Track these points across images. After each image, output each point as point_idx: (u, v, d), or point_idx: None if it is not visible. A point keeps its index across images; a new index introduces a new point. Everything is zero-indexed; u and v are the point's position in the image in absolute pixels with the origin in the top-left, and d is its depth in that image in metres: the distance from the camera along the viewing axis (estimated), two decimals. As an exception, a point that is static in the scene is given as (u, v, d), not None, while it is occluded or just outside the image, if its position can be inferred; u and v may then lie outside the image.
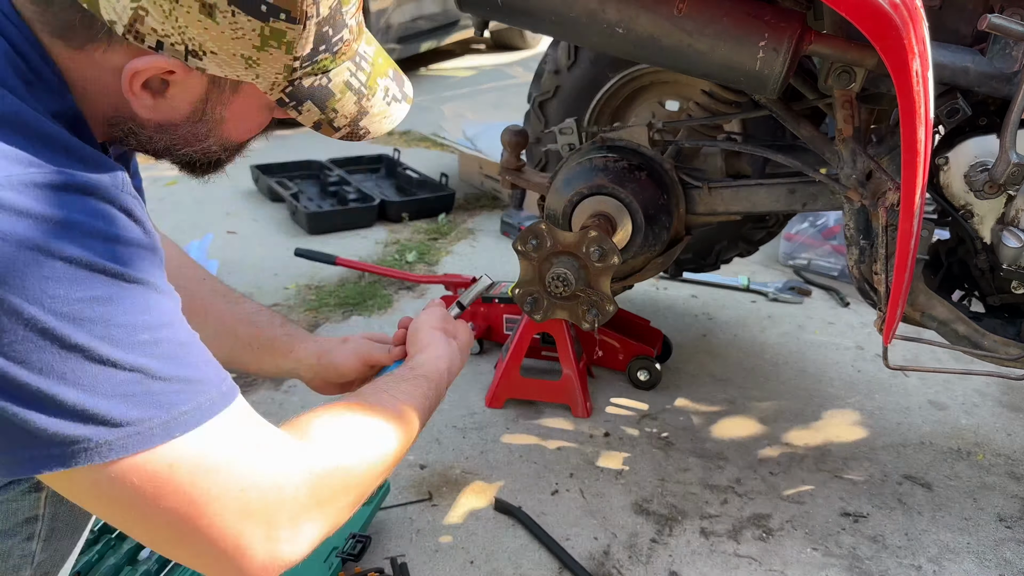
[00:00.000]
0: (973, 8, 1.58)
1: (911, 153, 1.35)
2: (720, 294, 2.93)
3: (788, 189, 1.88)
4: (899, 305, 1.55)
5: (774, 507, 1.86)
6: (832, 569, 1.69)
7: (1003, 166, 1.46)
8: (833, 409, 2.26)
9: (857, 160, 1.68)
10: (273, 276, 2.94)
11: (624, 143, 1.98)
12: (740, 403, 2.27)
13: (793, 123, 1.81)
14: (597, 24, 1.52)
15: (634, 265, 2.05)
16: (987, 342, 1.68)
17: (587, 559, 1.69)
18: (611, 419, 2.17)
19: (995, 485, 1.97)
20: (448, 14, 6.21)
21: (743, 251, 2.53)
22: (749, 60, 1.46)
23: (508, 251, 3.24)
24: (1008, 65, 1.51)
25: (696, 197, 1.98)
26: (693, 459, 2.02)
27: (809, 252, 3.11)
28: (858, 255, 1.76)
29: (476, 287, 1.40)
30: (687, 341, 2.59)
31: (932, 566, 1.71)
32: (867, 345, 2.61)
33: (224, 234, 3.31)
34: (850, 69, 1.50)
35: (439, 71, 6.86)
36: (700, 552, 1.72)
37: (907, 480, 1.98)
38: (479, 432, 2.09)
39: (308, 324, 2.60)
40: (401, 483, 1.89)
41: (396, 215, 3.50)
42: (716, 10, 1.46)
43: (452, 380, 1.15)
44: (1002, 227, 1.59)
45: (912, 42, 1.28)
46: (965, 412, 2.27)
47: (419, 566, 1.66)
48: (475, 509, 1.82)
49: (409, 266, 3.07)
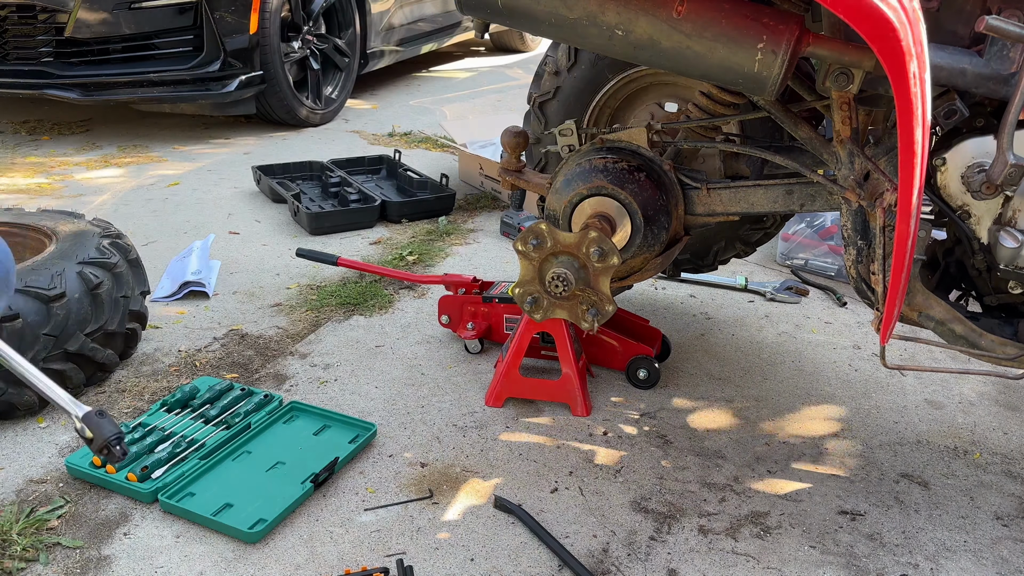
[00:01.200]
0: (971, 10, 1.59)
1: (908, 154, 1.37)
2: (718, 294, 2.95)
3: (786, 190, 1.90)
4: (896, 305, 1.56)
5: (772, 505, 1.88)
6: (829, 567, 1.70)
7: (1000, 167, 1.48)
8: (830, 408, 2.27)
9: (855, 161, 1.69)
10: (275, 276, 2.96)
11: (623, 144, 1.99)
12: (738, 402, 2.28)
13: (791, 124, 1.82)
14: (597, 26, 1.53)
15: (633, 265, 2.06)
16: (984, 342, 1.70)
17: (586, 557, 1.70)
18: (610, 418, 2.18)
19: (992, 484, 1.99)
20: (449, 16, 6.22)
21: (740, 252, 2.54)
22: (747, 62, 1.47)
23: (508, 251, 3.26)
24: (1005, 66, 1.52)
25: (695, 198, 1.99)
26: (691, 457, 2.04)
27: (806, 252, 3.12)
28: (856, 255, 1.78)
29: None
30: (686, 340, 2.60)
31: (929, 564, 1.72)
32: (864, 344, 2.62)
33: (226, 235, 3.32)
34: (848, 71, 1.52)
35: (440, 73, 6.87)
36: (698, 550, 1.74)
37: (904, 479, 1.99)
38: (479, 431, 2.10)
39: (310, 324, 2.61)
40: (402, 481, 1.90)
41: (397, 215, 3.51)
42: (715, 12, 1.47)
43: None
44: (999, 227, 1.61)
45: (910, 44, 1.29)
46: (962, 411, 2.28)
47: (420, 563, 1.67)
48: (475, 507, 1.83)
49: (409, 266, 3.08)
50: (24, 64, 4.27)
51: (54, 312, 2.01)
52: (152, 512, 1.78)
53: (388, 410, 2.18)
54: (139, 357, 2.39)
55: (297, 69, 4.87)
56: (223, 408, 2.06)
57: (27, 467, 1.91)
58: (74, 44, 4.23)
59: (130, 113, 5.04)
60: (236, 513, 1.76)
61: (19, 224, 2.38)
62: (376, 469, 1.95)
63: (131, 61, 4.31)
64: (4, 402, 2.00)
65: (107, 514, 1.78)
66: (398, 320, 2.67)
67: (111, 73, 4.28)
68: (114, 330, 2.18)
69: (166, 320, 2.61)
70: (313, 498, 1.84)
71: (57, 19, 4.18)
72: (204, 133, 4.82)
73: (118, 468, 1.84)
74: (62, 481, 1.87)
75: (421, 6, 5.86)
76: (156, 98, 4.38)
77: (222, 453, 1.93)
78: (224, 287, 2.86)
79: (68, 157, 4.29)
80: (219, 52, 4.36)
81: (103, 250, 2.22)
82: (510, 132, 2.08)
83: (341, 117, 5.24)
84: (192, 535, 1.72)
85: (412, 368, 2.39)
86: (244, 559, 1.66)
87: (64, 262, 2.11)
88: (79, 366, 2.11)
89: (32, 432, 2.04)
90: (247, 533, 1.69)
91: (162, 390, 2.23)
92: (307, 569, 1.65)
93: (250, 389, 2.16)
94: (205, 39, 4.34)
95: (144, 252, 3.04)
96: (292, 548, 1.70)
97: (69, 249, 2.18)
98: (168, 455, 1.89)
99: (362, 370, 2.37)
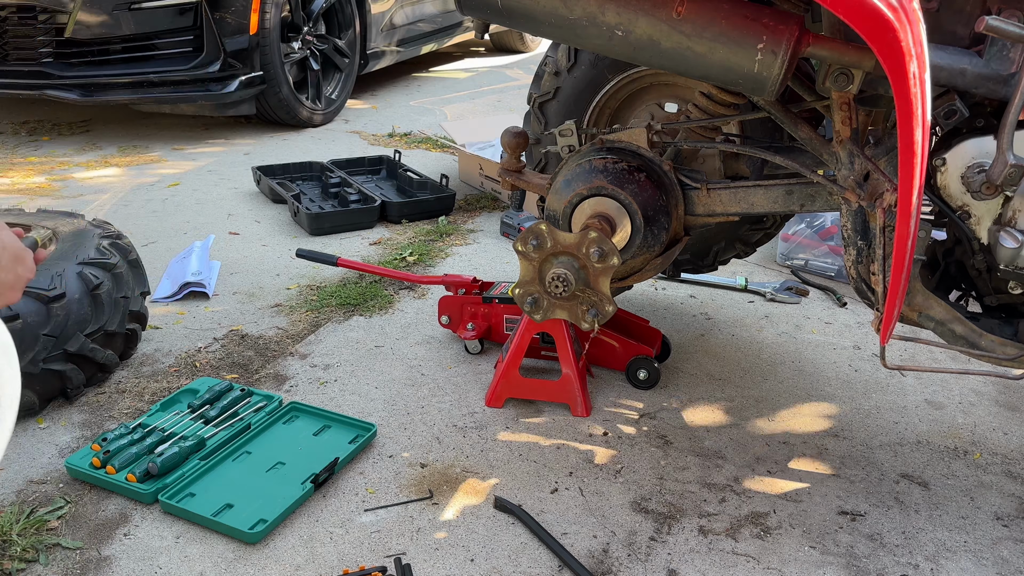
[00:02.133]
0: (971, 10, 1.59)
1: (908, 154, 1.37)
2: (718, 294, 2.95)
3: (786, 190, 1.90)
4: (896, 305, 1.56)
5: (772, 505, 1.88)
6: (829, 567, 1.70)
7: (1000, 167, 1.48)
8: (830, 408, 2.27)
9: (855, 161, 1.69)
10: (275, 277, 2.96)
11: (623, 145, 1.99)
12: (738, 402, 2.28)
13: (791, 125, 1.82)
14: (597, 27, 1.53)
15: (633, 265, 2.06)
16: (984, 342, 1.70)
17: (586, 557, 1.70)
18: (610, 418, 2.18)
19: (992, 484, 1.99)
20: (449, 17, 6.23)
21: (741, 252, 2.54)
22: (747, 62, 1.47)
23: (507, 252, 3.26)
24: (1005, 67, 1.52)
25: (695, 198, 1.99)
26: (691, 458, 2.03)
27: (806, 252, 3.12)
28: (856, 255, 1.78)
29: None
30: (685, 341, 2.60)
31: (929, 564, 1.72)
32: (864, 345, 2.62)
33: (226, 235, 3.32)
34: (848, 71, 1.52)
35: (440, 73, 6.87)
36: (698, 550, 1.74)
37: (904, 479, 1.99)
38: (479, 431, 2.10)
39: (310, 324, 2.61)
40: (402, 481, 1.90)
41: (397, 216, 3.52)
42: (715, 13, 1.47)
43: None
44: (999, 228, 1.61)
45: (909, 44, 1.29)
46: (962, 411, 2.28)
47: (420, 563, 1.67)
48: (475, 507, 1.83)
49: (409, 267, 3.08)
50: (24, 65, 4.27)
51: (54, 313, 2.01)
52: (152, 513, 1.78)
53: (388, 410, 2.18)
54: (139, 358, 2.39)
55: (297, 70, 4.87)
56: (223, 408, 2.07)
57: (27, 468, 1.91)
58: (74, 45, 4.23)
59: (130, 114, 5.05)
60: (236, 513, 1.76)
61: (19, 224, 2.38)
62: (376, 469, 1.95)
63: (131, 62, 4.31)
64: (4, 403, 2.00)
65: (107, 515, 1.78)
66: (398, 320, 2.67)
67: (111, 74, 4.28)
68: (114, 331, 2.18)
69: (166, 321, 2.61)
70: (313, 498, 1.84)
71: (57, 20, 4.18)
72: (204, 134, 4.82)
73: (118, 469, 1.84)
74: (62, 482, 1.87)
75: (421, 6, 5.86)
76: (156, 99, 4.38)
77: (222, 454, 1.93)
78: (224, 287, 2.86)
79: (68, 157, 4.29)
80: (219, 53, 4.36)
81: (103, 251, 2.22)
82: (510, 132, 2.08)
83: (341, 117, 5.24)
84: (192, 536, 1.72)
85: (412, 368, 2.38)
86: (244, 559, 1.66)
87: (64, 263, 2.11)
88: (79, 367, 2.11)
89: (32, 433, 2.03)
90: (247, 533, 1.69)
91: (162, 391, 2.22)
92: (307, 570, 1.65)
93: (250, 390, 2.16)
94: (205, 40, 4.34)
95: (144, 253, 3.04)
96: (292, 548, 1.70)
97: (69, 250, 2.18)
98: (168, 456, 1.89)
99: (362, 370, 2.37)
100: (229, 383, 2.16)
